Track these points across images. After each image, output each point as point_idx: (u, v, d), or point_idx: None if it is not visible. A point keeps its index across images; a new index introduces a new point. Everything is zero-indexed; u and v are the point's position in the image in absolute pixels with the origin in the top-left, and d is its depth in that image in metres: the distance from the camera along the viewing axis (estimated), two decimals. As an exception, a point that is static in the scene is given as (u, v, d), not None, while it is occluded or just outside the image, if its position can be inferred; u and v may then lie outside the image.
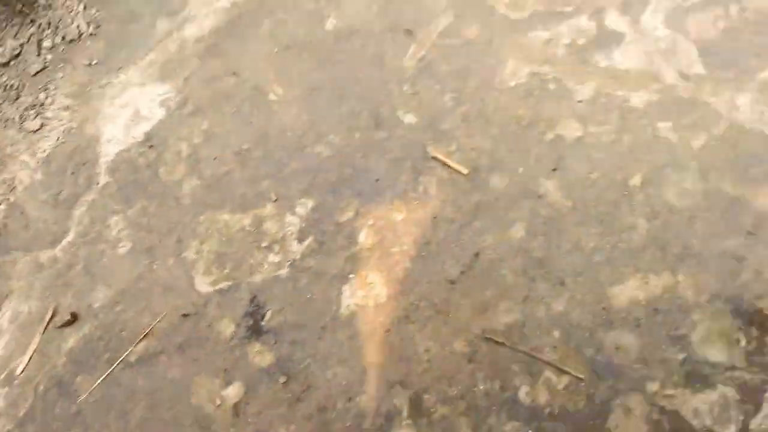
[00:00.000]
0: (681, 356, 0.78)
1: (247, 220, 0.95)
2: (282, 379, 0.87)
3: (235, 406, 0.86)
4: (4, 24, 1.07)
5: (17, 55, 1.07)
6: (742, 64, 0.92)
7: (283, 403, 0.85)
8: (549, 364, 0.81)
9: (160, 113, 1.00)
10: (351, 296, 0.90)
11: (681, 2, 0.99)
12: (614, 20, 1.00)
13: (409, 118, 0.97)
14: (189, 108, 0.99)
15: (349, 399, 0.83)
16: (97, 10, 1.05)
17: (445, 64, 1.00)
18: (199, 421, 0.85)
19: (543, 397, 0.78)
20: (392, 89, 0.98)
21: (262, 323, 0.90)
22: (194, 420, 0.86)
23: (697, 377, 0.76)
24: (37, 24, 1.08)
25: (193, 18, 1.02)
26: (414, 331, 0.86)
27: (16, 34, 1.07)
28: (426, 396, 0.82)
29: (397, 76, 0.99)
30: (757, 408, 0.72)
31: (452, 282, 0.87)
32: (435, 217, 0.92)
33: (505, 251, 0.89)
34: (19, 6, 1.07)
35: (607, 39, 0.99)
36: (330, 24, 1.00)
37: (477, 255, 0.89)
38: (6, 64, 1.06)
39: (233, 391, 0.86)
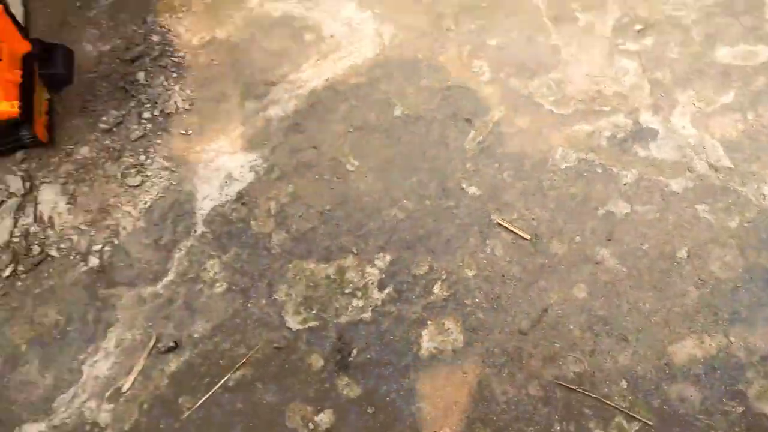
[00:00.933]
0: (740, 409, 0.92)
1: (331, 270, 1.09)
2: (370, 410, 0.98)
3: (328, 431, 0.96)
4: (106, 97, 1.23)
5: (119, 123, 1.22)
6: (764, 159, 1.12)
7: (372, 431, 0.95)
8: (620, 410, 0.94)
9: (250, 176, 1.15)
10: (430, 340, 1.03)
11: (703, 107, 1.21)
12: (647, 119, 1.22)
13: (473, 190, 1.14)
14: (275, 173, 1.14)
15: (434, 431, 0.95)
16: (192, 91, 1.21)
17: (501, 147, 1.18)
18: (291, 446, 0.96)
19: (614, 434, 0.91)
20: (456, 166, 1.16)
21: (350, 359, 1.02)
22: (287, 445, 0.96)
23: (757, 429, 0.90)
24: (137, 99, 1.24)
25: (276, 101, 1.20)
26: (490, 375, 0.99)
27: (119, 106, 1.22)
28: (503, 434, 0.94)
29: (459, 155, 1.16)
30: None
31: (523, 333, 1.02)
32: (503, 275, 1.07)
33: (570, 309, 1.04)
34: (121, 83, 1.24)
35: (643, 134, 1.20)
36: (398, 111, 1.18)
37: (545, 310, 1.04)
38: (109, 131, 1.21)
39: (325, 418, 0.97)
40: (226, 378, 0.96)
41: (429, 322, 0.99)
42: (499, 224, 1.05)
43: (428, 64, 1.23)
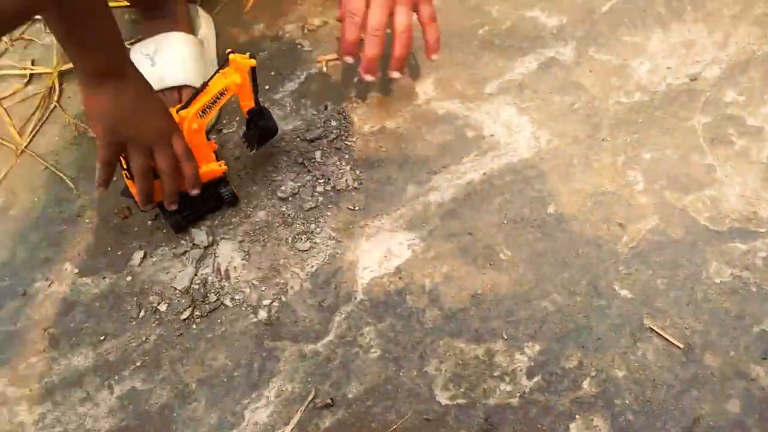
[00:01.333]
0: None
1: (480, 351, 1.16)
2: None
3: None
4: (286, 170, 1.39)
5: (295, 194, 1.37)
6: None
7: None
8: None
9: (407, 254, 1.25)
10: None
11: None
12: (805, 244, 1.24)
13: (625, 293, 1.19)
14: (432, 253, 1.24)
15: None
16: (361, 172, 1.35)
17: (655, 255, 1.23)
18: None
19: None
20: (608, 267, 1.21)
21: None
22: None
23: None
24: (312, 174, 1.39)
25: (436, 188, 1.31)
26: None
27: (296, 179, 1.38)
28: None
29: (612, 257, 1.22)
30: None
31: None
32: (654, 380, 1.10)
33: (723, 422, 1.05)
34: (300, 159, 1.40)
35: (802, 258, 1.22)
36: (551, 209, 1.27)
37: (697, 420, 1.05)
38: (285, 199, 1.36)
39: None
40: (376, 441, 1.02)
41: (577, 417, 1.03)
42: (652, 329, 1.09)
43: (582, 169, 1.32)
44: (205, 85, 1.21)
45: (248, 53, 1.20)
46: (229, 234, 1.37)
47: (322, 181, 1.42)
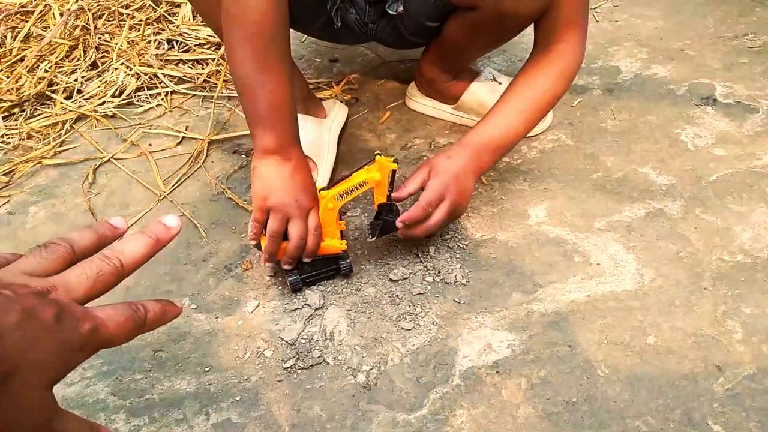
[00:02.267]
0: None
1: (569, 455, 1.20)
2: None
3: None
4: (399, 257, 1.53)
5: (405, 279, 1.50)
6: None
7: None
8: None
9: (506, 352, 1.34)
10: None
11: None
12: None
13: (718, 429, 1.24)
14: (531, 356, 1.32)
15: None
16: (469, 271, 1.48)
17: (750, 400, 1.28)
18: None
19: None
20: (703, 403, 1.27)
21: None
22: None
23: None
24: (424, 265, 1.53)
25: (540, 300, 1.42)
26: None
27: (408, 266, 1.52)
28: None
29: (707, 395, 1.28)
30: None
31: None
32: None
33: None
34: (414, 250, 1.55)
35: None
36: (650, 339, 1.35)
37: None
38: (396, 281, 1.49)
39: None
40: None
41: None
42: (744, 468, 1.13)
43: (684, 310, 1.41)
44: (349, 174, 1.44)
45: (393, 158, 1.42)
46: (339, 302, 1.51)
47: (432, 272, 1.56)
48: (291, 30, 1.53)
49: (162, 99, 1.83)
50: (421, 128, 2.08)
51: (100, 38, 2.36)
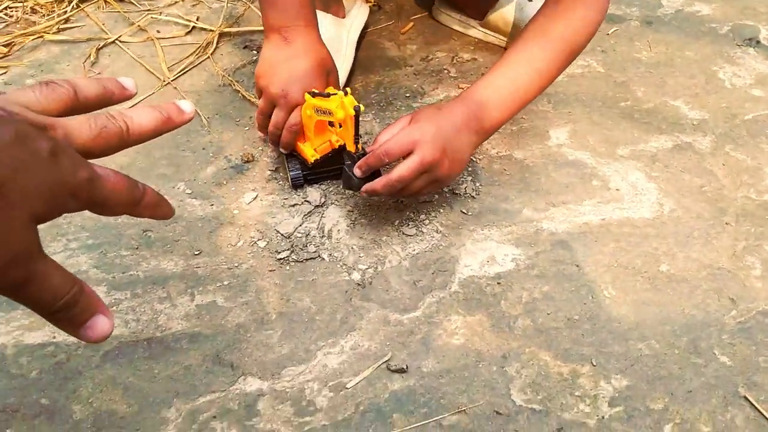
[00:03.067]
0: None
1: (565, 369, 1.16)
2: None
3: None
4: None
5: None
6: None
7: None
8: None
9: (510, 265, 1.29)
10: None
11: None
12: None
13: (724, 359, 1.19)
14: (535, 271, 1.27)
15: None
16: (480, 185, 1.41)
17: (762, 334, 1.23)
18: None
19: None
20: (712, 332, 1.22)
21: None
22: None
23: None
24: (433, 171, 1.45)
25: (551, 218, 1.36)
26: None
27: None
28: None
29: (717, 325, 1.23)
30: None
31: None
32: None
33: None
34: None
35: None
36: (664, 267, 1.29)
37: None
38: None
39: None
40: (443, 416, 1.04)
41: (654, 454, 1.02)
42: (747, 399, 1.08)
43: (701, 243, 1.35)
44: (333, 93, 1.25)
45: (360, 103, 1.21)
46: (341, 202, 1.45)
47: (441, 181, 1.49)
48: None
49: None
50: (444, 42, 1.99)
51: None
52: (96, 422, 1.03)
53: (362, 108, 1.16)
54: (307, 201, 1.41)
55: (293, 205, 1.39)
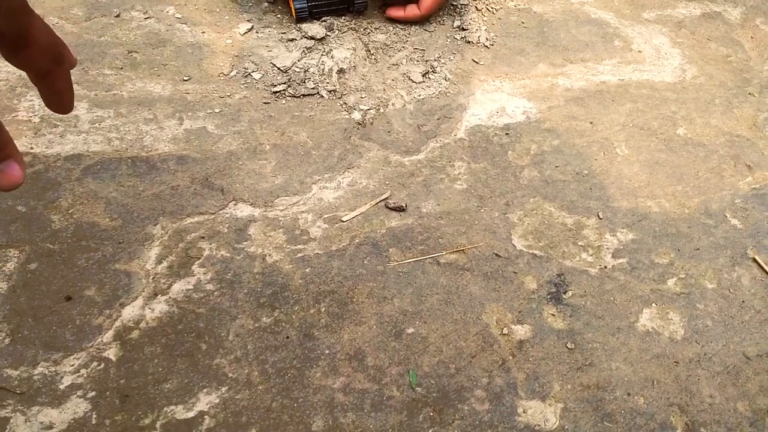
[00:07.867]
0: None
1: (569, 220, 1.15)
2: (569, 345, 1.01)
3: (520, 342, 0.99)
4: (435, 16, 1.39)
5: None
6: None
7: (564, 364, 0.98)
8: None
9: (521, 117, 1.25)
10: (650, 320, 1.05)
11: None
12: None
13: (735, 222, 1.18)
14: (546, 125, 1.23)
15: (628, 393, 0.96)
16: (495, 35, 1.35)
17: (775, 205, 1.21)
18: (483, 334, 1.00)
19: None
20: (725, 196, 1.20)
21: (564, 295, 1.06)
22: (479, 331, 1.00)
23: None
24: (451, 19, 1.40)
25: (567, 75, 1.31)
26: (701, 377, 0.99)
27: (432, 19, 1.39)
28: (702, 430, 0.93)
29: (731, 189, 1.21)
30: None
31: (748, 357, 1.01)
32: (743, 302, 1.09)
33: None
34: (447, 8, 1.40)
35: None
36: (681, 130, 1.26)
37: None
38: (409, 32, 1.37)
39: (522, 331, 1.01)
40: (440, 253, 1.02)
41: (654, 305, 1.02)
42: (755, 260, 1.08)
43: (722, 110, 1.31)
44: None
45: None
46: (344, 41, 1.38)
47: (456, 28, 1.43)
48: None
49: None
50: None
51: None
52: (76, 232, 1.01)
53: None
54: (308, 37, 1.34)
55: (291, 40, 1.33)
